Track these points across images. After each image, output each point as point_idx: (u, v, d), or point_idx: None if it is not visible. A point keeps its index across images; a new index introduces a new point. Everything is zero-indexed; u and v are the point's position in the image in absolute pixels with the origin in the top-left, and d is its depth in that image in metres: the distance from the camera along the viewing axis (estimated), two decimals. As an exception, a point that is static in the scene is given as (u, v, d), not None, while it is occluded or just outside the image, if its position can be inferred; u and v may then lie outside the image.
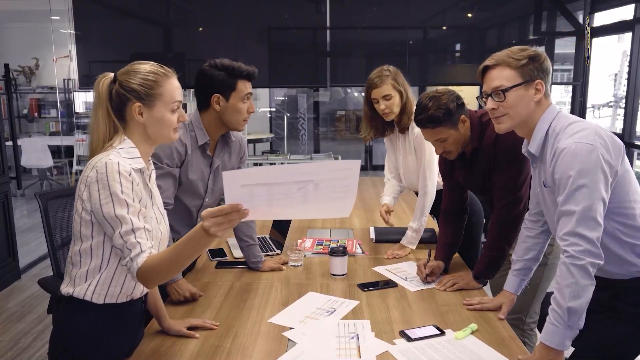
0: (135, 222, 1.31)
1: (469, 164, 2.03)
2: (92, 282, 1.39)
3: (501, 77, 1.57)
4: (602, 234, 1.48)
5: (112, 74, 1.43)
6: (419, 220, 2.38)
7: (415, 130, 2.38)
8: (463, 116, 1.91)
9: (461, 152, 2.01)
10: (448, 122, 1.89)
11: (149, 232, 1.35)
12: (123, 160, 1.35)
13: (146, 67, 1.41)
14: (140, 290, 1.47)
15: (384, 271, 2.12)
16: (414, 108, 2.36)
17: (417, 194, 2.56)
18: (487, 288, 2.12)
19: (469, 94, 4.90)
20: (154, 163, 1.73)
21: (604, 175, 1.43)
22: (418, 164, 2.45)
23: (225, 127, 1.99)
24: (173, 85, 1.43)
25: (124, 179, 1.31)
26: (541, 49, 1.62)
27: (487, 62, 1.61)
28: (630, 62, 4.34)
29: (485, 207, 2.52)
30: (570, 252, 1.41)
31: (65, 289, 1.42)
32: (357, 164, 1.17)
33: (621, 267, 1.55)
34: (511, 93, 1.55)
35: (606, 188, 1.44)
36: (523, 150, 1.68)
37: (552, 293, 2.03)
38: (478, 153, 1.98)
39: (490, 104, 1.60)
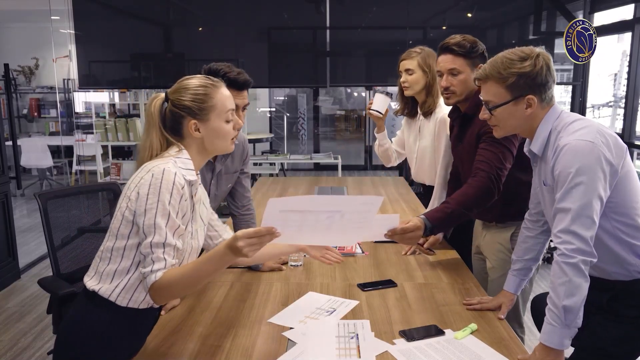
0: (169, 238, 1.32)
1: (462, 128, 2.07)
2: (119, 285, 1.39)
3: (490, 92, 1.55)
4: (603, 233, 1.49)
5: (163, 94, 1.44)
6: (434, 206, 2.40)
7: (439, 115, 2.42)
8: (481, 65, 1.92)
9: (458, 111, 2.07)
10: (469, 58, 1.97)
11: (178, 250, 1.35)
12: (179, 171, 1.36)
13: (194, 81, 1.43)
14: None
15: None
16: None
17: (423, 186, 2.60)
18: (484, 287, 2.12)
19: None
20: None
21: (604, 174, 1.42)
22: (436, 152, 2.47)
23: None
24: (224, 95, 1.44)
25: (176, 191, 1.33)
26: (543, 55, 1.52)
27: (478, 74, 1.58)
28: (630, 62, 4.34)
29: None
30: (562, 250, 1.41)
31: (90, 282, 1.41)
32: (380, 199, 1.36)
33: (620, 267, 1.55)
34: (499, 110, 1.54)
35: (605, 187, 1.43)
36: (525, 150, 1.68)
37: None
38: (471, 121, 2.01)
39: (482, 112, 1.61)
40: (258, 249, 1.22)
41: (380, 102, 2.51)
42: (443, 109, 2.43)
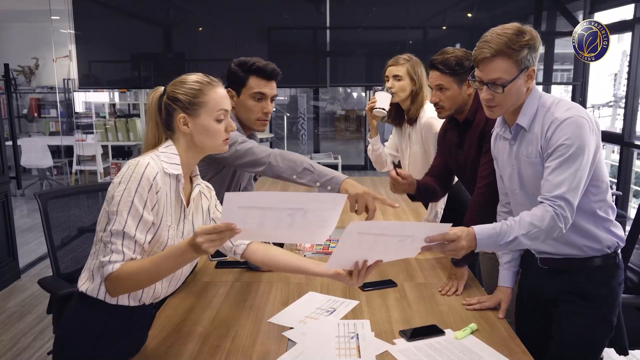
0: (129, 227, 1.30)
1: (461, 135, 2.06)
2: (102, 281, 1.38)
3: (500, 69, 1.52)
4: (579, 208, 1.54)
5: (162, 88, 1.45)
6: (434, 209, 2.40)
7: (423, 120, 2.43)
8: (471, 81, 1.89)
9: (454, 120, 2.06)
10: (455, 75, 1.94)
11: (139, 246, 1.33)
12: (155, 162, 1.35)
13: (192, 77, 1.43)
14: (149, 296, 1.45)
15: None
16: (427, 104, 2.44)
17: None
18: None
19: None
20: None
21: (594, 149, 1.52)
22: (426, 155, 2.47)
23: (243, 125, 2.02)
24: (218, 94, 1.42)
25: (145, 180, 1.32)
26: (532, 28, 1.56)
27: (486, 52, 1.52)
28: (630, 61, 4.34)
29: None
30: (559, 212, 1.46)
31: (80, 281, 1.42)
32: (343, 197, 1.30)
33: (591, 241, 1.60)
34: (509, 86, 1.53)
35: (592, 162, 1.52)
36: (498, 130, 1.70)
37: None
38: (470, 127, 2.00)
39: (486, 93, 1.57)
40: (218, 245, 1.21)
41: (384, 99, 2.45)
42: (427, 113, 2.42)
